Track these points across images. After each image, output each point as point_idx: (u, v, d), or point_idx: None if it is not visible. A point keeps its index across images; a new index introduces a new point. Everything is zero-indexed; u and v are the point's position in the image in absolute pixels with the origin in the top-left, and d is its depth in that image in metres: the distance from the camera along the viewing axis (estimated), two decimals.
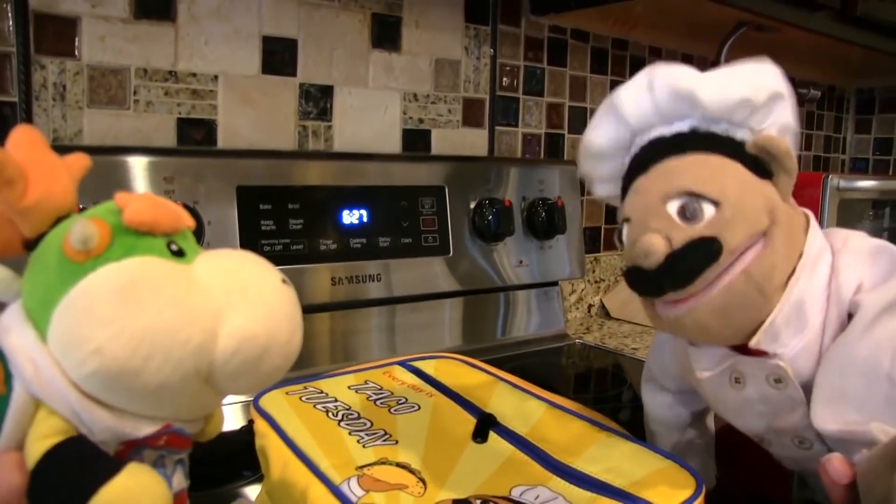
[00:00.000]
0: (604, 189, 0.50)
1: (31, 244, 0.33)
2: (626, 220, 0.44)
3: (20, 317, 0.31)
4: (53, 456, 0.29)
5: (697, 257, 0.40)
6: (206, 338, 0.30)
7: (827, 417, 0.41)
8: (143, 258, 0.31)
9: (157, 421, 0.32)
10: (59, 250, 0.31)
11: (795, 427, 0.44)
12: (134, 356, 0.28)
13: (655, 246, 0.41)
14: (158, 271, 0.31)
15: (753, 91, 0.42)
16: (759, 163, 0.42)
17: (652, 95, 0.43)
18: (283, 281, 0.34)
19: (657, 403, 0.56)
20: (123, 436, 0.31)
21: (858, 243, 0.44)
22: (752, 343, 0.43)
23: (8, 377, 0.30)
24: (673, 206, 0.41)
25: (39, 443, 0.30)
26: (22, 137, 0.33)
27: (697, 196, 0.41)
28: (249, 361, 0.31)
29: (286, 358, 0.33)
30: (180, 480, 0.34)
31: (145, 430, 0.31)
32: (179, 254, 0.32)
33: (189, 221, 0.34)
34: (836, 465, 0.36)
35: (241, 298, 0.32)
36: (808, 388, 0.43)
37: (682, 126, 0.44)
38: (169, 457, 0.33)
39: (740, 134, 0.43)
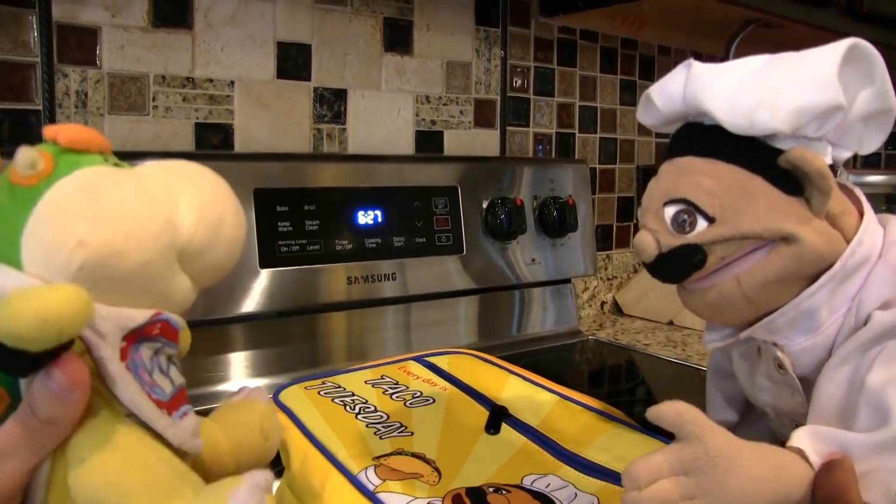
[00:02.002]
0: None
1: None
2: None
3: None
4: None
5: (682, 265, 0.42)
6: (170, 213, 0.32)
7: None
8: (92, 167, 0.32)
9: (148, 310, 0.33)
10: (8, 184, 0.31)
11: (793, 412, 0.45)
12: (115, 236, 0.30)
13: (647, 247, 0.43)
14: (110, 171, 0.32)
15: (784, 122, 0.39)
16: (791, 176, 0.40)
17: (682, 94, 0.43)
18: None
19: (712, 367, 0.54)
20: (122, 327, 0.31)
21: None
22: (744, 335, 0.43)
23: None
24: (670, 211, 0.42)
25: None
26: None
27: (695, 208, 0.41)
28: (212, 229, 0.34)
29: (240, 227, 0.36)
30: (177, 375, 0.35)
31: (139, 317, 0.32)
32: (117, 166, 0.34)
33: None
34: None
35: (186, 182, 0.35)
36: (810, 383, 0.42)
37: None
38: (164, 349, 0.34)
39: (781, 143, 0.40)
